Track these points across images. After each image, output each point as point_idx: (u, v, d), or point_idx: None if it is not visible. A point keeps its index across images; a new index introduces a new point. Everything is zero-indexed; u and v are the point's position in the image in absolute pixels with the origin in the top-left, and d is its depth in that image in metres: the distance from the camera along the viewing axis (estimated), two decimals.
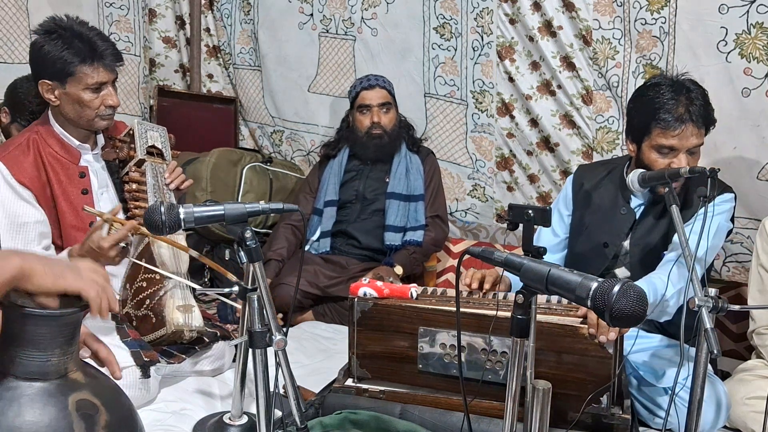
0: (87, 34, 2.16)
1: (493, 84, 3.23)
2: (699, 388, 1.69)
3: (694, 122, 2.15)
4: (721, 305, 1.68)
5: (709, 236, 2.17)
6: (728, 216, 2.28)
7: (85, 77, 2.15)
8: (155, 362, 2.11)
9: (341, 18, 3.55)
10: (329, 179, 3.28)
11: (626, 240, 2.35)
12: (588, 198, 2.46)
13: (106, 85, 2.20)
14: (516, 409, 1.37)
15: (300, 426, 1.67)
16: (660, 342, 2.29)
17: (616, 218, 2.37)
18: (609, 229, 2.38)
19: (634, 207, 2.35)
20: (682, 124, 2.14)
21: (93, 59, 2.15)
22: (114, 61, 2.20)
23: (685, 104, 2.15)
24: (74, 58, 2.13)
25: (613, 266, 2.37)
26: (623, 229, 2.36)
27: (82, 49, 2.14)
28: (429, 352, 1.98)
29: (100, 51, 2.16)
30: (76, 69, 2.14)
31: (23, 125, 2.71)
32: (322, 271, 3.05)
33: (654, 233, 2.31)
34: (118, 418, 1.37)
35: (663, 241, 2.28)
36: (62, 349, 1.32)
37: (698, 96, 2.17)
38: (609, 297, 1.16)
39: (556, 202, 2.62)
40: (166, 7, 3.94)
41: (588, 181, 2.49)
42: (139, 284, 2.22)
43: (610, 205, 2.40)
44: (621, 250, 2.36)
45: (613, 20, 2.88)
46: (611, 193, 2.41)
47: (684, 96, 2.16)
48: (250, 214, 1.64)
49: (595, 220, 2.43)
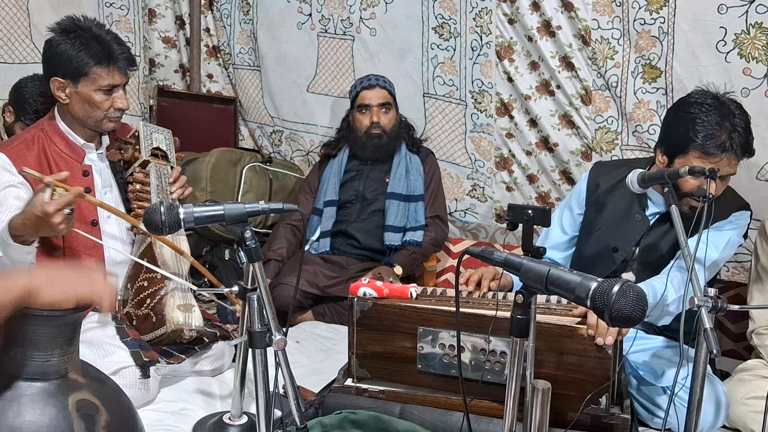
0: (105, 37, 2.20)
1: (492, 84, 3.23)
2: (698, 387, 1.70)
3: (734, 152, 2.10)
4: (720, 305, 1.68)
5: (719, 247, 2.18)
6: (741, 232, 2.27)
7: (98, 78, 2.18)
8: (155, 362, 2.11)
9: (340, 18, 3.55)
10: (329, 179, 3.28)
11: (636, 246, 2.34)
12: (603, 200, 2.42)
13: (117, 88, 2.23)
14: (516, 409, 1.37)
15: (300, 426, 1.67)
16: (659, 342, 2.29)
17: (630, 224, 2.35)
18: (621, 235, 2.36)
19: (649, 215, 2.34)
20: (723, 153, 2.09)
21: (108, 62, 2.18)
22: (128, 65, 2.24)
23: (728, 131, 2.09)
24: (90, 59, 2.16)
25: (620, 270, 2.36)
26: (635, 236, 2.34)
27: (99, 51, 2.17)
28: (428, 352, 1.98)
29: (116, 55, 2.20)
30: (91, 70, 2.17)
31: (27, 124, 2.73)
32: (321, 271, 3.05)
33: (664, 242, 2.29)
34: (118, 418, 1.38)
35: (672, 250, 2.27)
36: (62, 350, 1.32)
37: (741, 123, 2.12)
38: (608, 297, 1.16)
39: (567, 198, 2.59)
40: (166, 7, 3.95)
41: (605, 182, 2.44)
42: (140, 284, 2.22)
43: (624, 211, 2.37)
44: (630, 255, 2.35)
45: (612, 20, 2.88)
46: (627, 198, 2.36)
47: (728, 122, 2.10)
48: (249, 214, 1.64)
49: (607, 223, 2.40)
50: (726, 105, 2.15)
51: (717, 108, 2.13)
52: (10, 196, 2.12)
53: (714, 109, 2.12)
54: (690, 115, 2.14)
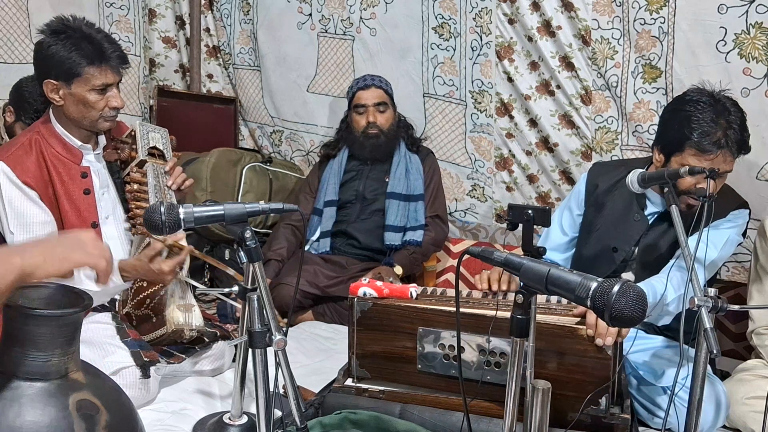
0: (95, 36, 2.18)
1: (492, 84, 3.23)
2: (698, 387, 1.70)
3: (729, 148, 2.10)
4: (720, 305, 1.68)
5: (718, 246, 2.18)
6: (740, 230, 2.27)
7: (91, 78, 2.16)
8: (155, 362, 2.11)
9: (340, 18, 3.55)
10: (329, 179, 3.28)
11: (635, 246, 2.34)
12: (602, 200, 2.43)
13: (111, 86, 2.21)
14: (516, 409, 1.37)
15: (300, 426, 1.67)
16: (660, 342, 2.29)
17: (629, 224, 2.35)
18: (620, 235, 2.36)
19: (648, 215, 2.34)
20: (718, 150, 2.09)
21: (101, 61, 2.16)
22: (120, 63, 2.22)
23: (723, 128, 2.09)
24: (82, 60, 2.14)
25: (620, 270, 2.36)
26: (634, 236, 2.34)
27: (90, 51, 2.15)
28: (428, 352, 1.98)
29: (108, 53, 2.18)
30: (84, 70, 2.15)
31: (27, 124, 2.72)
32: (321, 271, 3.05)
33: (663, 241, 2.29)
34: (118, 418, 1.38)
35: (671, 250, 2.27)
36: (63, 350, 1.32)
37: (737, 120, 2.12)
38: (608, 297, 1.16)
39: (567, 199, 2.60)
40: (166, 7, 3.94)
41: (603, 182, 2.44)
42: (140, 284, 2.23)
43: (623, 211, 2.37)
44: (630, 255, 2.35)
45: (612, 20, 2.88)
46: (626, 198, 2.37)
47: (724, 119, 2.10)
48: (249, 214, 1.64)
49: (606, 223, 2.40)
50: (721, 102, 2.14)
51: (712, 105, 2.13)
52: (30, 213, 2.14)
53: (709, 107, 2.12)
54: (685, 113, 2.14)
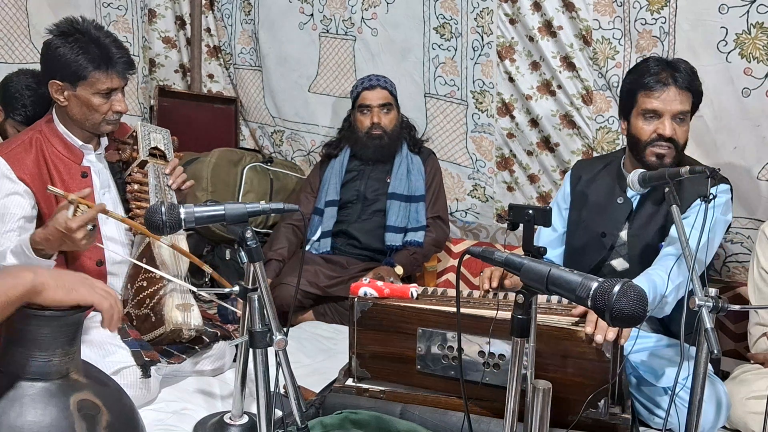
0: (104, 40, 2.18)
1: (493, 84, 3.23)
2: (699, 387, 1.69)
3: (677, 85, 2.19)
4: (721, 305, 1.68)
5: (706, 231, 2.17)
6: (724, 210, 2.23)
7: (97, 82, 2.17)
8: (156, 362, 2.11)
9: (341, 18, 3.55)
10: (330, 179, 3.28)
11: (624, 230, 2.36)
12: (585, 191, 2.48)
13: (116, 91, 2.22)
14: (516, 409, 1.37)
15: (300, 426, 1.67)
16: (660, 342, 2.29)
17: (613, 207, 2.39)
18: (606, 219, 2.39)
19: (631, 197, 2.37)
20: (666, 87, 2.19)
21: (107, 66, 2.17)
22: (126, 69, 2.23)
23: (669, 71, 2.21)
24: (89, 64, 2.14)
25: (609, 257, 2.38)
26: (620, 219, 2.37)
27: (98, 55, 2.15)
28: (428, 352, 1.98)
29: (115, 59, 2.18)
30: (90, 74, 2.15)
31: (17, 121, 2.71)
32: (322, 271, 3.05)
33: (651, 225, 2.31)
34: (119, 418, 1.38)
35: (660, 233, 2.29)
36: (64, 350, 1.32)
37: (684, 67, 2.23)
38: (609, 297, 1.16)
39: (555, 197, 2.64)
40: (166, 7, 3.94)
41: (586, 174, 2.51)
42: (139, 284, 2.22)
43: (606, 196, 2.42)
44: (618, 240, 2.36)
45: (613, 20, 2.88)
46: (608, 184, 2.43)
47: (669, 65, 2.23)
48: (250, 214, 1.64)
49: (592, 211, 2.44)
50: (670, 60, 2.28)
51: (657, 58, 2.28)
52: (13, 205, 2.12)
53: (654, 60, 2.27)
54: (634, 71, 2.30)
